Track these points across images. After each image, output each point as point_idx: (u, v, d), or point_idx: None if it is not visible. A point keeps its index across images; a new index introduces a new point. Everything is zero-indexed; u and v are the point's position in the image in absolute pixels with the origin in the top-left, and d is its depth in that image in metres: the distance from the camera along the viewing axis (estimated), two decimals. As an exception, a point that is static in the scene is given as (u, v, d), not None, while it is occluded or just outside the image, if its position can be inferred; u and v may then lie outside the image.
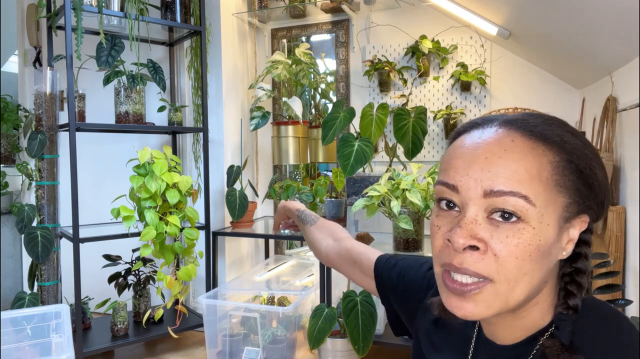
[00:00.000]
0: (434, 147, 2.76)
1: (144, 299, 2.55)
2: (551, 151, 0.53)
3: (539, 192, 0.51)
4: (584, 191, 0.54)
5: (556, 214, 0.52)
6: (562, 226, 0.53)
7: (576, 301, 0.55)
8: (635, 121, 1.67)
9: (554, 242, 0.52)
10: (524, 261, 0.51)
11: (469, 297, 0.53)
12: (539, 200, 0.51)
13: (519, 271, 0.51)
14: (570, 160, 0.53)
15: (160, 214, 2.20)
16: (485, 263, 0.52)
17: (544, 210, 0.51)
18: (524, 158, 0.52)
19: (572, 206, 0.53)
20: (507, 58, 2.60)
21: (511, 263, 0.51)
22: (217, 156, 2.81)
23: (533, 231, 0.51)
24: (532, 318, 0.58)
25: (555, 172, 0.52)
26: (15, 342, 1.84)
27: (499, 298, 0.52)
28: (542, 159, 0.52)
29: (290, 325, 2.25)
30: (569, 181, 0.53)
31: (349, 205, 2.44)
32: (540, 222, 0.51)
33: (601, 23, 1.62)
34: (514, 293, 0.52)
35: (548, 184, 0.52)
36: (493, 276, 0.52)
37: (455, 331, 0.69)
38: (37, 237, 2.17)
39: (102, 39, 2.23)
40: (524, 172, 0.51)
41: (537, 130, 0.54)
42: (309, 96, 3.23)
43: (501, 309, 0.53)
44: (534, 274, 0.52)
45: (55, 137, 2.28)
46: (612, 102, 1.83)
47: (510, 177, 0.51)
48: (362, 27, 2.87)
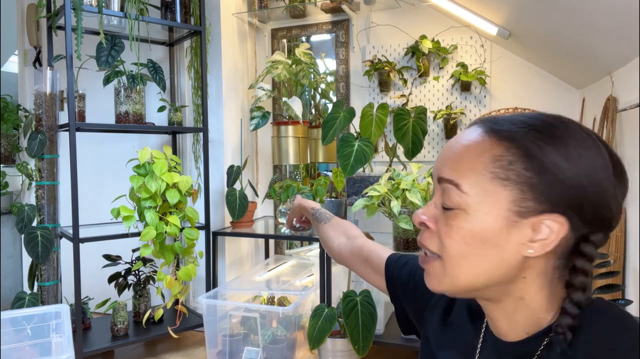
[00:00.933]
0: (434, 147, 2.76)
1: (144, 299, 2.55)
2: (499, 145, 0.55)
3: (474, 182, 0.55)
4: (543, 188, 0.53)
5: (500, 206, 0.54)
6: (514, 219, 0.54)
7: (567, 321, 0.55)
8: (635, 121, 1.67)
9: (499, 233, 0.54)
10: (458, 243, 0.56)
11: (427, 269, 0.61)
12: (474, 190, 0.55)
13: (456, 253, 0.56)
14: (524, 156, 0.53)
15: (160, 214, 2.21)
16: (432, 241, 0.59)
17: (481, 199, 0.55)
18: (468, 150, 0.56)
19: (526, 202, 0.53)
20: (507, 58, 2.60)
21: (448, 244, 0.57)
22: (217, 156, 2.81)
23: (467, 218, 0.55)
24: (524, 314, 0.59)
25: (495, 165, 0.54)
26: (15, 342, 1.84)
27: (446, 274, 0.58)
28: (484, 152, 0.55)
29: (290, 325, 2.25)
30: (517, 176, 0.53)
31: (349, 205, 2.44)
32: (475, 209, 0.55)
33: (601, 23, 1.62)
34: (457, 273, 0.57)
35: (484, 175, 0.55)
36: (440, 253, 0.58)
37: (464, 329, 0.70)
38: (37, 237, 2.17)
39: (102, 39, 2.23)
40: (464, 162, 0.56)
41: (494, 127, 0.57)
42: (309, 95, 3.23)
43: (451, 287, 0.59)
44: (477, 259, 0.56)
45: (55, 137, 2.28)
46: (612, 102, 1.83)
47: (452, 167, 0.57)
48: (362, 27, 2.87)
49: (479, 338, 0.67)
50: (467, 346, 0.68)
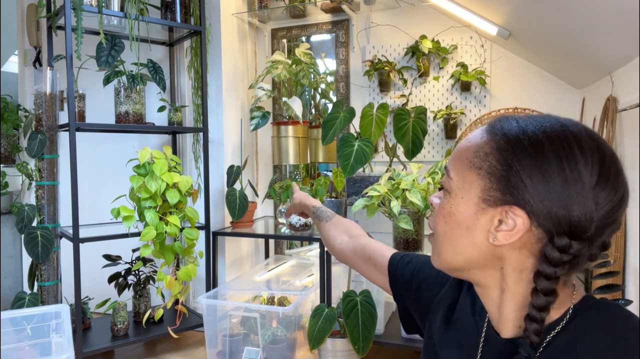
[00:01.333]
0: (434, 147, 2.76)
1: (144, 299, 2.55)
2: (485, 138, 0.60)
3: (458, 169, 0.62)
4: (512, 182, 0.56)
5: (472, 193, 0.60)
6: (481, 206, 0.59)
7: (532, 326, 0.55)
8: (635, 121, 1.67)
9: (469, 217, 0.60)
10: (439, 220, 0.64)
11: (431, 246, 0.68)
12: (457, 176, 0.62)
13: (440, 229, 0.64)
14: (498, 149, 0.58)
15: (160, 214, 2.21)
16: (432, 219, 0.66)
17: (460, 185, 0.61)
18: (466, 141, 0.63)
19: (492, 192, 0.58)
20: (507, 58, 2.60)
21: (435, 222, 0.65)
22: (217, 156, 2.81)
23: (449, 200, 0.62)
24: (512, 307, 0.61)
25: (475, 155, 0.60)
26: (15, 342, 1.84)
27: (436, 251, 0.66)
28: (473, 143, 0.61)
29: (290, 325, 2.25)
30: (491, 167, 0.58)
31: (349, 205, 2.44)
32: (455, 194, 0.62)
33: (601, 23, 1.62)
34: (442, 250, 0.64)
35: (464, 163, 0.61)
36: (433, 230, 0.66)
37: (467, 326, 0.71)
38: (37, 237, 2.17)
39: (102, 39, 2.23)
40: (457, 152, 0.64)
41: (493, 122, 0.62)
42: (309, 96, 3.23)
43: (442, 264, 0.65)
44: (454, 239, 0.62)
45: (55, 137, 2.28)
46: (612, 102, 1.83)
47: (451, 156, 0.65)
48: (362, 27, 2.87)
49: (481, 334, 0.68)
50: (469, 344, 0.68)
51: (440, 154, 2.74)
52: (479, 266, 0.62)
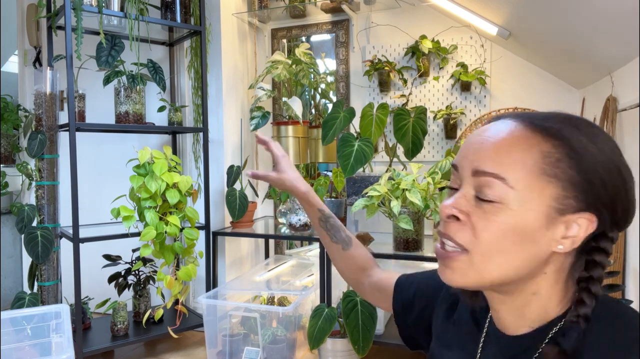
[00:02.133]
0: (434, 147, 2.76)
1: (144, 299, 2.55)
2: (547, 142, 0.55)
3: (520, 177, 0.54)
4: (584, 187, 0.54)
5: (543, 203, 0.54)
6: (553, 216, 0.55)
7: (586, 311, 0.56)
8: (635, 121, 1.67)
9: (538, 229, 0.55)
10: (497, 238, 0.55)
11: (448, 263, 0.58)
12: (520, 185, 0.54)
13: (492, 246, 0.55)
14: (570, 155, 0.54)
15: (160, 214, 2.21)
16: (463, 234, 0.57)
17: (526, 194, 0.54)
18: (514, 144, 0.55)
19: (567, 200, 0.54)
20: (507, 58, 2.60)
21: (484, 238, 0.55)
22: (217, 156, 2.81)
23: (510, 213, 0.54)
24: (534, 308, 0.59)
25: (544, 161, 0.54)
26: (15, 342, 1.84)
27: (473, 269, 0.57)
28: (532, 147, 0.55)
29: (290, 325, 2.25)
30: (563, 174, 0.54)
31: (349, 205, 2.44)
32: (520, 205, 0.54)
33: (601, 23, 1.62)
34: (487, 267, 0.56)
35: (532, 171, 0.54)
36: (469, 246, 0.56)
37: (468, 324, 0.70)
38: (37, 237, 2.17)
39: (102, 39, 2.23)
40: (509, 156, 0.55)
41: (537, 122, 0.56)
42: (309, 96, 3.23)
43: (477, 281, 0.57)
44: (512, 254, 0.55)
45: (55, 137, 2.28)
46: (612, 102, 1.83)
47: (495, 160, 0.55)
48: (362, 27, 2.87)
49: (482, 332, 0.67)
50: (470, 342, 0.68)
51: (440, 154, 2.74)
52: (527, 276, 0.57)
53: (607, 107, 1.86)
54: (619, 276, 1.77)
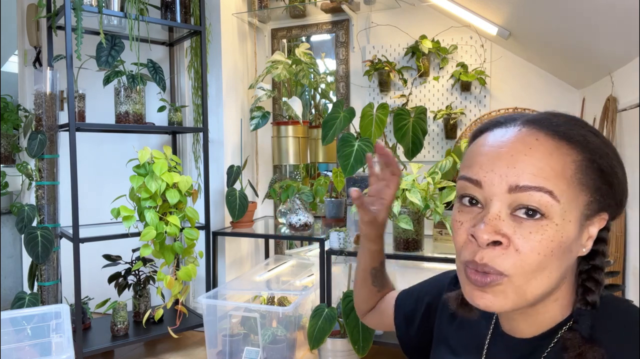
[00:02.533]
0: (434, 147, 2.76)
1: (144, 299, 2.55)
2: (574, 150, 0.54)
3: (563, 189, 0.52)
4: (604, 189, 0.55)
5: (578, 212, 0.53)
6: (582, 224, 0.54)
7: (594, 298, 0.56)
8: (635, 121, 1.67)
9: (575, 239, 0.54)
10: (545, 256, 0.52)
11: (489, 288, 0.54)
12: (563, 197, 0.52)
13: (538, 266, 0.52)
14: (593, 159, 0.54)
15: (160, 214, 2.20)
16: (505, 258, 0.52)
17: (567, 207, 0.52)
18: (549, 156, 0.53)
19: (592, 204, 0.55)
20: (507, 58, 2.60)
21: (532, 258, 0.52)
22: (217, 156, 2.81)
23: (556, 228, 0.52)
24: (551, 314, 0.59)
25: (579, 171, 0.53)
26: (15, 342, 1.83)
27: (516, 291, 0.53)
28: (566, 157, 0.53)
29: (290, 325, 2.25)
30: (591, 180, 0.54)
31: (349, 205, 2.44)
32: (563, 219, 0.52)
33: (601, 23, 1.62)
34: (531, 287, 0.53)
35: (572, 182, 0.53)
36: (510, 271, 0.52)
37: (471, 329, 0.70)
38: (37, 237, 2.17)
39: (102, 39, 2.23)
40: (549, 169, 0.52)
41: (560, 129, 0.55)
42: (309, 96, 3.23)
43: (519, 302, 0.54)
44: (553, 269, 0.53)
45: (55, 137, 2.28)
46: (612, 102, 1.83)
47: (536, 174, 0.52)
48: (362, 27, 2.87)
49: (487, 333, 0.67)
50: (475, 343, 0.68)
51: (440, 154, 2.74)
52: (558, 286, 0.56)
53: (607, 107, 1.86)
54: (619, 276, 1.77)
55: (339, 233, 2.23)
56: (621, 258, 1.77)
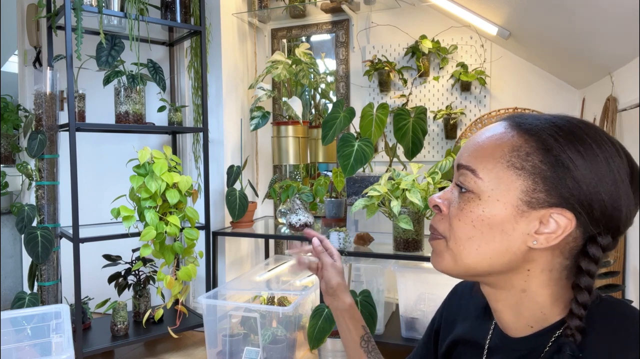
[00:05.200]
0: (434, 147, 2.76)
1: (144, 299, 2.55)
2: (521, 137, 0.57)
3: (490, 169, 0.57)
4: (555, 182, 0.54)
5: (511, 194, 0.56)
6: (522, 209, 0.56)
7: (575, 323, 0.55)
8: (635, 121, 1.67)
9: (506, 220, 0.56)
10: (465, 225, 0.59)
11: (433, 249, 0.64)
12: (489, 176, 0.57)
13: (462, 233, 0.59)
14: (541, 149, 0.55)
15: (160, 214, 2.20)
16: (443, 222, 0.62)
17: (493, 185, 0.57)
18: (490, 140, 0.59)
19: (537, 193, 0.55)
20: (507, 58, 2.60)
21: (455, 225, 0.60)
22: (217, 156, 2.81)
23: (478, 201, 0.58)
24: (528, 307, 0.60)
25: (512, 154, 0.56)
26: (15, 342, 1.84)
27: (449, 254, 0.61)
28: (504, 141, 0.58)
29: (290, 325, 2.25)
30: (533, 167, 0.55)
31: (349, 205, 2.44)
32: (488, 196, 0.57)
33: (601, 23, 1.62)
34: (460, 253, 0.60)
35: (500, 163, 0.57)
36: (446, 234, 0.61)
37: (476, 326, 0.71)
38: (37, 237, 2.17)
39: (102, 39, 2.23)
40: (481, 150, 0.59)
41: (518, 120, 0.59)
42: (309, 96, 3.23)
43: (454, 267, 0.61)
44: (482, 243, 0.58)
45: (55, 137, 2.28)
46: (612, 102, 1.83)
47: (471, 154, 0.60)
48: (362, 27, 2.87)
49: (487, 335, 0.68)
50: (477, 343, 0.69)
51: (440, 154, 2.74)
52: (505, 270, 0.59)
53: (607, 107, 1.86)
54: (619, 276, 1.77)
55: (339, 233, 2.23)
56: (621, 258, 1.77)
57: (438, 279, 2.24)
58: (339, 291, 0.90)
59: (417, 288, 2.28)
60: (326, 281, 0.90)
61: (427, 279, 2.27)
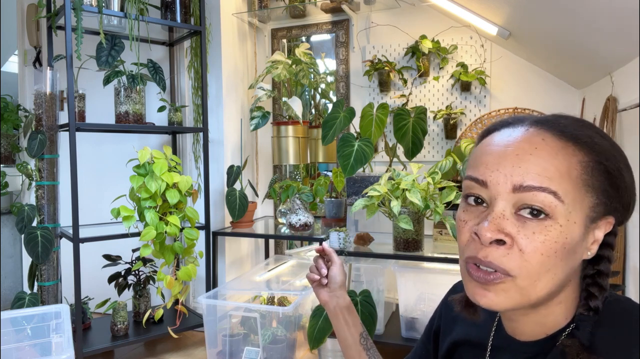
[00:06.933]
0: (433, 147, 2.76)
1: (144, 299, 2.55)
2: (581, 151, 0.54)
3: (568, 190, 0.52)
4: (611, 192, 0.55)
5: (583, 214, 0.53)
6: (588, 226, 0.54)
7: (597, 303, 0.56)
8: (635, 121, 1.67)
9: (579, 241, 0.53)
10: (548, 257, 0.52)
11: (492, 286, 0.54)
12: (568, 198, 0.52)
13: (542, 267, 0.52)
14: (599, 161, 0.54)
15: (160, 214, 2.20)
16: (510, 258, 0.52)
17: (571, 208, 0.52)
18: (555, 156, 0.52)
19: (598, 207, 0.54)
20: (507, 58, 2.60)
21: (536, 259, 0.51)
22: (217, 156, 2.81)
23: (560, 229, 0.51)
24: (554, 317, 0.58)
25: (584, 172, 0.53)
26: (15, 342, 1.84)
27: (520, 292, 0.53)
28: (572, 158, 0.53)
29: (290, 325, 2.25)
30: (597, 182, 0.54)
31: (349, 205, 2.44)
32: (567, 220, 0.52)
33: (601, 23, 1.62)
34: (535, 288, 0.53)
35: (577, 183, 0.52)
36: (515, 271, 0.52)
37: (476, 323, 0.70)
38: (37, 237, 2.17)
39: (102, 39, 2.23)
40: (554, 170, 0.52)
41: (567, 130, 0.55)
42: (309, 96, 3.23)
43: (521, 302, 0.54)
44: (558, 271, 0.53)
45: (55, 137, 2.28)
46: (612, 102, 1.83)
47: (541, 174, 0.52)
48: (362, 27, 2.87)
49: (490, 334, 0.67)
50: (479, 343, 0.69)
51: (440, 154, 2.74)
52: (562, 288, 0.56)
53: (607, 107, 1.86)
54: (619, 276, 1.77)
55: (339, 233, 2.23)
56: (621, 258, 1.78)
57: (438, 279, 2.24)
58: (342, 288, 0.93)
59: (417, 288, 2.28)
60: (333, 278, 0.93)
61: (427, 279, 2.27)
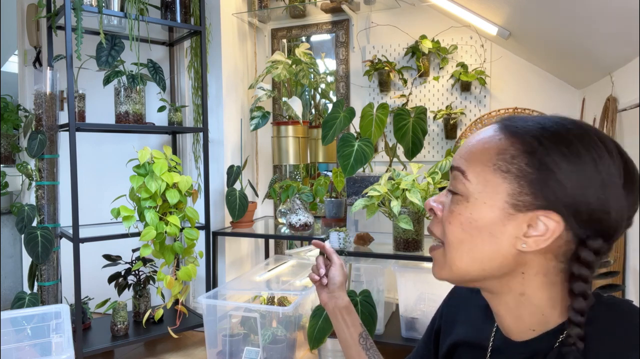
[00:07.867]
0: (434, 147, 2.76)
1: (144, 299, 2.55)
2: (507, 140, 0.57)
3: (478, 171, 0.58)
4: (541, 185, 0.54)
5: (498, 197, 0.56)
6: (509, 212, 0.56)
7: (575, 331, 0.54)
8: (635, 121, 1.67)
9: (493, 223, 0.57)
10: (455, 228, 0.59)
11: (433, 258, 0.64)
12: (477, 178, 0.58)
13: (453, 237, 0.59)
14: (526, 151, 0.55)
15: (160, 214, 2.20)
16: (438, 227, 0.62)
17: (481, 188, 0.57)
18: (479, 143, 0.59)
19: (523, 196, 0.55)
20: (507, 58, 2.60)
21: (447, 229, 0.60)
22: (217, 156, 2.81)
23: (466, 204, 0.58)
24: (529, 311, 0.59)
25: (498, 157, 0.57)
26: (15, 342, 1.84)
27: (445, 261, 0.61)
28: (493, 145, 0.58)
29: (290, 325, 2.25)
30: (518, 170, 0.55)
31: (349, 205, 2.44)
32: (475, 198, 0.58)
33: (601, 23, 1.62)
34: (454, 259, 0.60)
35: (486, 165, 0.57)
36: (442, 239, 0.61)
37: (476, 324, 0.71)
38: (37, 237, 2.17)
39: (102, 39, 2.23)
40: (471, 153, 0.59)
41: (507, 123, 0.59)
42: (309, 96, 3.23)
43: (450, 275, 0.61)
44: (472, 246, 0.58)
45: (55, 137, 2.28)
46: (612, 102, 1.83)
47: (463, 157, 0.60)
48: (362, 27, 2.87)
49: (490, 336, 0.68)
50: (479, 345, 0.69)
51: (440, 154, 2.74)
52: (498, 274, 0.59)
53: (607, 107, 1.86)
54: (619, 276, 1.77)
55: (339, 233, 2.23)
56: (621, 258, 1.78)
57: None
58: (341, 288, 0.94)
59: (417, 288, 2.28)
60: (332, 278, 0.94)
61: (427, 279, 2.27)
